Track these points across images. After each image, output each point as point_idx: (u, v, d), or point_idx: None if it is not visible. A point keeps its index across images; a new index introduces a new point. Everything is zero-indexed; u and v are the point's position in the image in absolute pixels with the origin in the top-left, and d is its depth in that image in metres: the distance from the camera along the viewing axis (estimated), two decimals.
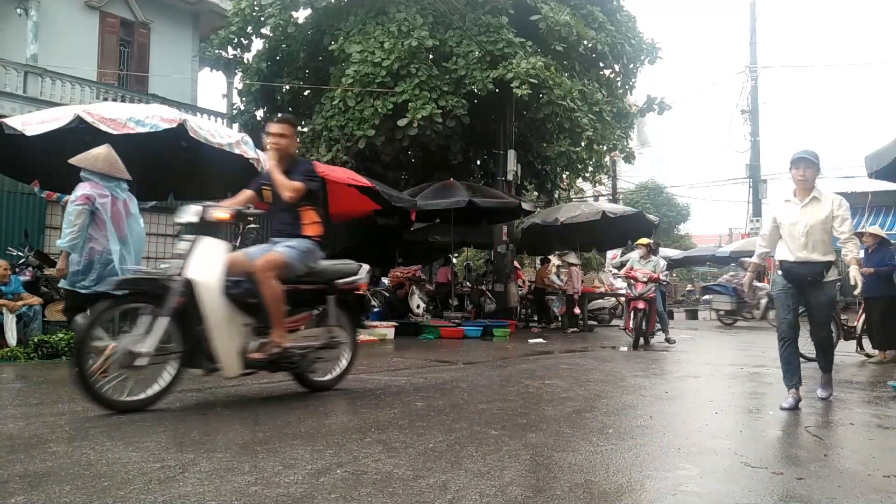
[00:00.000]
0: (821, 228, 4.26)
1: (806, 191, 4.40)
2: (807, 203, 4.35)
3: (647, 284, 9.15)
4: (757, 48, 22.15)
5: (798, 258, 4.33)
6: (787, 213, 4.42)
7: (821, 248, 4.27)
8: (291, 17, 13.47)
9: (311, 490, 2.31)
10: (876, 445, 3.27)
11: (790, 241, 4.36)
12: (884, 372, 6.62)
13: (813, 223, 4.26)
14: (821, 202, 4.34)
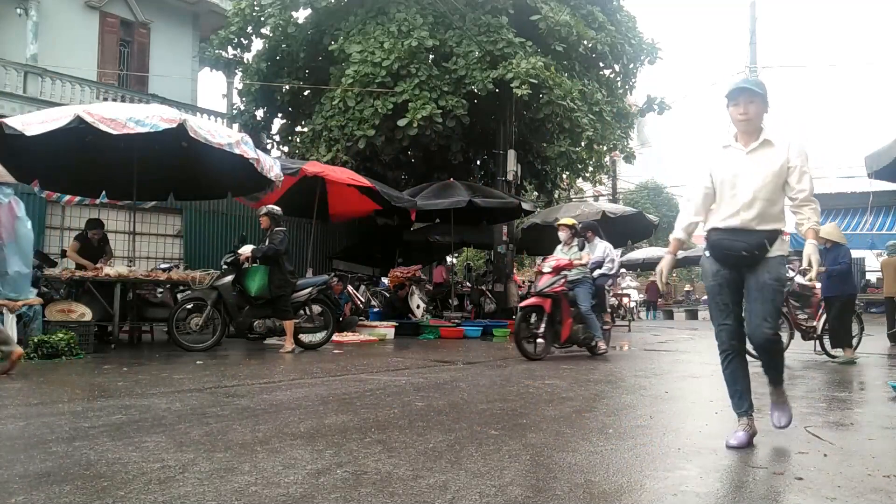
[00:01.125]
0: (773, 184, 3.11)
1: (751, 133, 3.22)
2: (754, 149, 3.20)
3: (554, 276, 7.25)
4: (757, 48, 22.16)
5: (732, 225, 3.17)
6: (726, 165, 3.23)
7: (769, 212, 3.13)
8: (291, 17, 13.47)
9: (311, 490, 2.31)
10: (876, 445, 3.26)
11: (728, 202, 3.19)
12: (884, 372, 6.63)
13: (762, 177, 3.11)
14: (773, 147, 3.17)
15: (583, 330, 7.44)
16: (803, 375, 6.17)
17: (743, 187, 3.14)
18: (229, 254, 7.56)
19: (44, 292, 7.42)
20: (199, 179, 9.01)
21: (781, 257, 3.16)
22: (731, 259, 3.19)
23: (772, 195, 3.13)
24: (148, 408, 3.87)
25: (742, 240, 3.13)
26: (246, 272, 7.52)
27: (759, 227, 3.13)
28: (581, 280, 7.56)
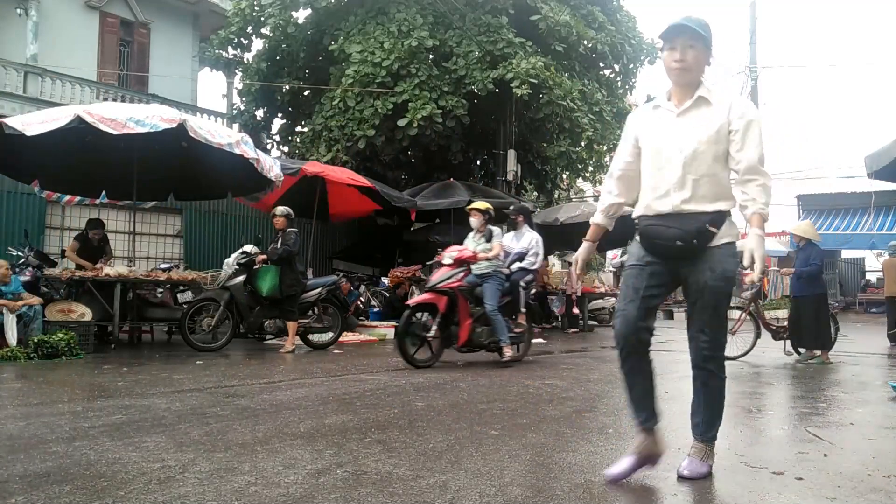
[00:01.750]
0: (711, 154, 2.45)
1: (686, 89, 2.56)
2: (687, 109, 2.53)
3: (453, 268, 6.28)
4: (757, 48, 22.17)
5: (661, 209, 2.51)
6: (653, 131, 2.58)
7: (710, 190, 2.46)
8: (291, 17, 13.48)
9: (311, 490, 2.31)
10: (876, 446, 3.26)
11: (657, 177, 2.52)
12: (884, 372, 6.63)
13: (695, 146, 2.45)
14: (711, 107, 2.49)
15: (487, 333, 6.50)
16: (803, 375, 6.18)
17: (672, 160, 2.46)
18: (242, 255, 7.58)
19: (44, 292, 7.43)
20: (199, 179, 9.01)
21: (729, 246, 2.48)
22: (663, 251, 2.52)
23: (710, 169, 2.44)
24: (148, 408, 3.87)
25: (675, 226, 2.45)
26: (257, 272, 7.55)
27: (698, 208, 2.45)
28: (491, 275, 6.56)
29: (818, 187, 24.89)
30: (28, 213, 10.32)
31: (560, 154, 13.51)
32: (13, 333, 6.52)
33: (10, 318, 6.54)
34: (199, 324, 7.42)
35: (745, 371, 6.53)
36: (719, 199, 2.49)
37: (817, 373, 6.40)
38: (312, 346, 7.87)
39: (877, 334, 12.56)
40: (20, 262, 7.78)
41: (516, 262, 7.11)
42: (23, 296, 6.82)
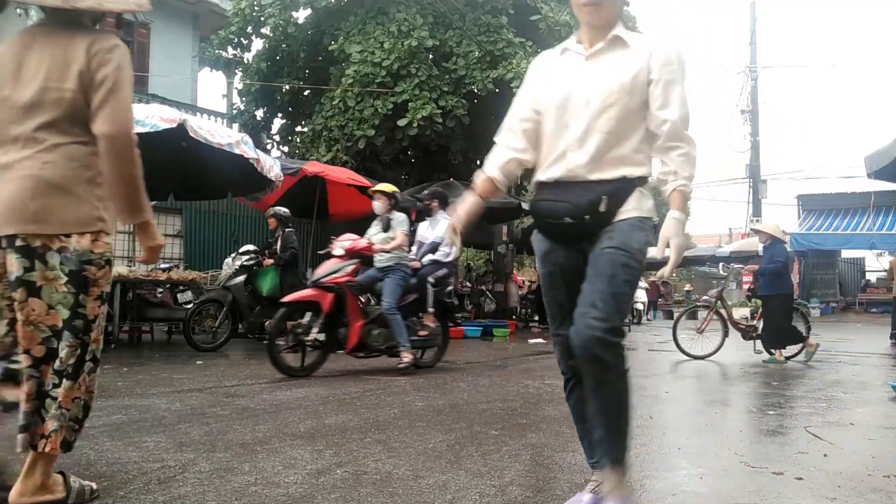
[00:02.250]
0: (622, 107, 1.94)
1: (599, 30, 2.05)
2: (598, 51, 2.03)
3: (344, 261, 5.60)
4: (757, 48, 22.19)
5: (554, 176, 2.01)
6: (559, 78, 2.05)
7: (615, 152, 1.96)
8: (291, 17, 13.47)
9: (311, 490, 2.31)
10: (876, 446, 3.27)
11: (557, 137, 2.01)
12: (884, 372, 6.63)
13: (604, 95, 1.94)
14: (627, 49, 2.00)
15: (385, 335, 5.71)
16: (802, 375, 6.18)
17: (575, 113, 1.96)
18: (247, 256, 7.61)
19: None
20: (199, 179, 8.99)
21: (637, 221, 1.94)
22: (556, 233, 2.03)
23: (620, 126, 1.93)
24: (148, 408, 3.88)
25: (565, 199, 1.95)
26: (257, 273, 7.59)
27: (596, 175, 1.94)
28: (393, 268, 5.78)
29: (818, 187, 24.94)
30: None
31: None
32: None
33: None
34: (201, 324, 7.47)
35: (745, 371, 6.53)
36: (625, 166, 1.95)
37: (817, 373, 6.40)
38: None
39: (877, 334, 12.56)
40: None
41: (429, 255, 6.26)
42: None
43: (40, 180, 1.90)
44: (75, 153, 1.95)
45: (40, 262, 1.91)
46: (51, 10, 1.97)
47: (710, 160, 68.48)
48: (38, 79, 1.93)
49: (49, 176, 1.90)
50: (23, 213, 1.88)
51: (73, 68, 1.91)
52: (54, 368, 1.96)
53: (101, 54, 1.91)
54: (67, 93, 1.92)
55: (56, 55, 1.93)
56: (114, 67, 1.92)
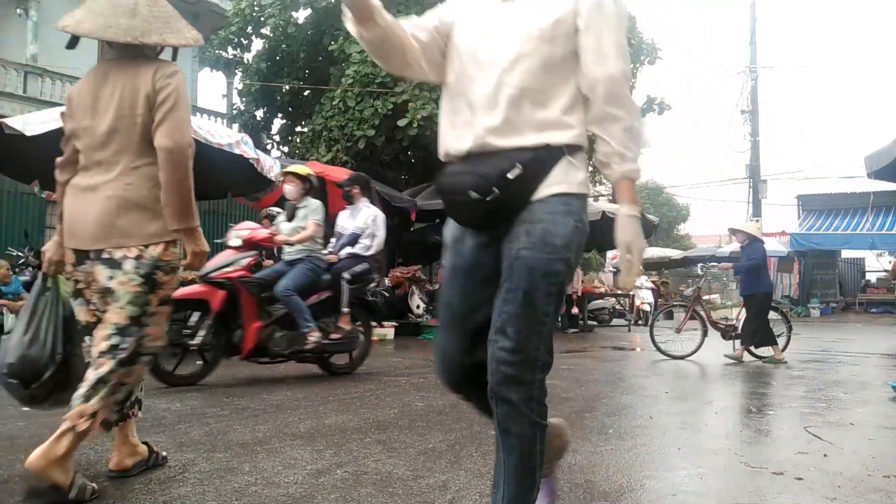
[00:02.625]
0: (541, 59, 1.57)
1: None
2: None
3: (240, 252, 5.00)
4: (757, 48, 22.19)
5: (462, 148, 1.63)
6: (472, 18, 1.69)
7: (533, 115, 1.58)
8: (291, 18, 13.49)
9: (311, 490, 2.31)
10: (876, 446, 3.26)
11: (466, 90, 1.64)
12: (884, 372, 6.62)
13: (522, 43, 1.58)
14: None
15: (290, 339, 5.07)
16: (802, 375, 6.18)
17: (485, 64, 1.60)
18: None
19: None
20: (199, 179, 8.94)
21: (563, 202, 1.55)
22: (461, 214, 1.63)
23: (537, 80, 1.56)
24: (148, 408, 3.86)
25: (470, 170, 1.56)
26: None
27: (512, 142, 1.56)
28: (303, 260, 5.16)
29: (818, 187, 24.93)
30: (28, 213, 10.32)
31: None
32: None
33: (10, 318, 6.55)
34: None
35: (745, 371, 6.53)
36: (550, 130, 1.56)
37: (817, 373, 6.40)
38: None
39: (877, 334, 12.57)
40: (20, 263, 7.79)
41: (347, 248, 5.62)
42: (23, 296, 6.83)
43: (124, 200, 2.18)
44: (151, 173, 2.21)
45: (119, 270, 2.18)
46: (121, 44, 2.22)
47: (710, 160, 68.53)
48: (112, 108, 2.20)
49: (131, 196, 2.19)
50: (111, 230, 2.16)
51: (142, 94, 2.18)
52: (117, 357, 2.19)
53: (163, 79, 2.18)
54: (139, 118, 2.19)
55: (126, 85, 2.20)
56: (173, 89, 2.19)
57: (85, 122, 2.24)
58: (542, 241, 1.51)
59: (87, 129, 2.23)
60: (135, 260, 2.18)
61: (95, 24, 2.19)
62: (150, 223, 2.20)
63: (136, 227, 2.18)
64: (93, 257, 2.21)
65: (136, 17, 2.21)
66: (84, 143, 2.25)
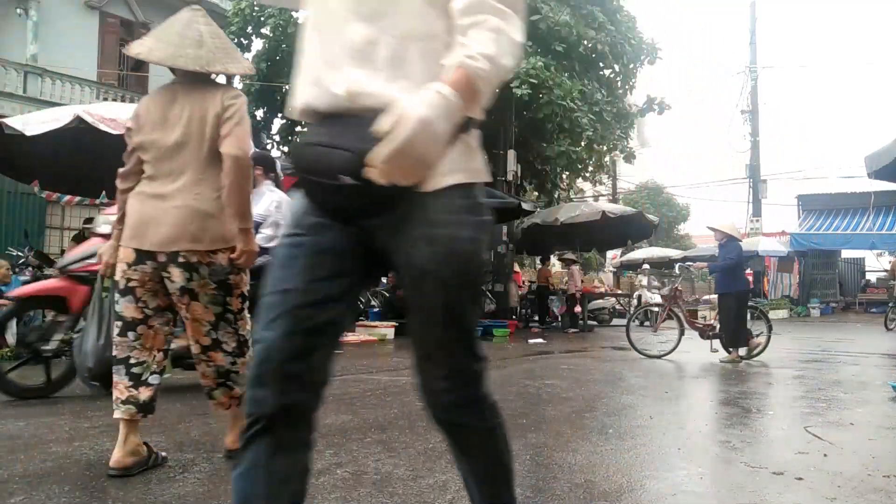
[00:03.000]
0: None
1: None
2: None
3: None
4: (757, 48, 22.20)
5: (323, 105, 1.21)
6: None
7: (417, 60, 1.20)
8: (291, 18, 13.47)
9: (311, 490, 2.31)
10: (876, 446, 3.26)
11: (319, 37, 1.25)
12: (884, 372, 6.62)
13: None
14: None
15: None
16: (802, 375, 6.18)
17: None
18: None
19: None
20: None
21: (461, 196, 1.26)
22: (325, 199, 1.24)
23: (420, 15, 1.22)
24: None
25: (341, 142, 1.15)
26: None
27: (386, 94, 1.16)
28: None
29: (818, 187, 24.92)
30: (28, 213, 10.33)
31: (560, 154, 13.50)
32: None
33: None
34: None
35: (745, 371, 6.52)
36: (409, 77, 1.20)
37: (817, 373, 6.40)
38: None
39: (877, 334, 12.57)
40: (20, 262, 7.79)
41: None
42: None
43: (194, 209, 2.43)
44: (214, 184, 2.46)
45: (196, 273, 2.44)
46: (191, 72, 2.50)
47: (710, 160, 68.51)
48: (181, 124, 2.45)
49: (200, 206, 2.44)
50: (183, 235, 2.40)
51: (211, 113, 2.45)
52: (225, 351, 2.57)
53: (229, 100, 2.47)
54: (207, 134, 2.45)
55: (195, 105, 2.47)
56: (237, 108, 2.47)
57: (154, 136, 2.47)
58: (449, 253, 1.22)
59: (155, 142, 2.47)
60: (207, 267, 2.45)
61: (166, 52, 2.47)
62: (217, 229, 2.45)
63: (206, 233, 2.43)
64: (164, 260, 2.43)
65: (202, 47, 2.48)
66: (151, 154, 2.48)
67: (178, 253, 2.40)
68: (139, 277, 2.46)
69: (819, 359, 7.64)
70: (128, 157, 2.55)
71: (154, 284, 2.48)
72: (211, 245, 2.44)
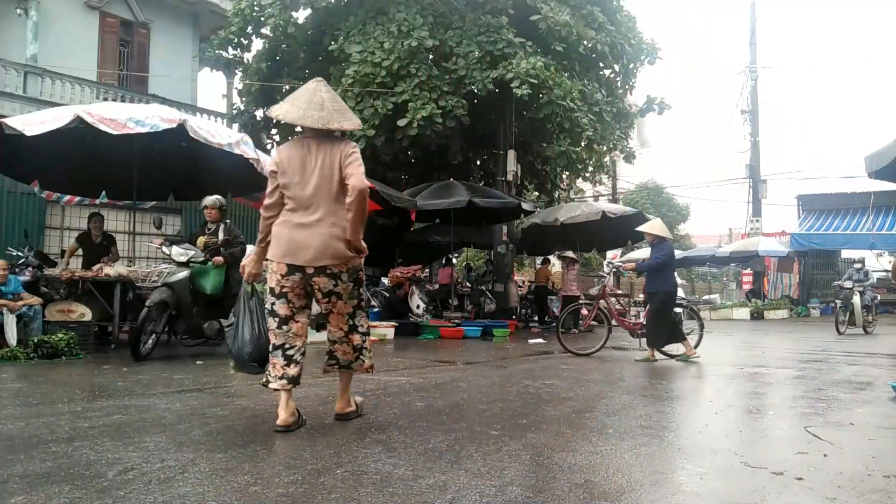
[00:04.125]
0: None
1: None
2: None
3: None
4: (757, 48, 22.21)
5: None
6: None
7: None
8: (291, 17, 13.48)
9: (311, 490, 2.31)
10: (876, 446, 3.26)
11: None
12: (884, 372, 6.62)
13: None
14: None
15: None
16: (802, 375, 6.18)
17: None
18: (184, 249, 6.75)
19: (44, 292, 7.42)
20: (199, 179, 9.00)
21: None
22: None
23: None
24: (148, 408, 3.87)
25: None
26: (199, 269, 6.76)
27: None
28: None
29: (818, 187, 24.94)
30: (28, 213, 10.32)
31: (560, 154, 13.49)
32: (13, 333, 6.53)
33: (9, 318, 6.54)
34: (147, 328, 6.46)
35: (745, 371, 6.52)
36: None
37: (817, 373, 6.40)
38: None
39: (876, 334, 12.57)
40: (20, 262, 7.79)
41: None
42: (23, 296, 6.82)
43: (332, 235, 3.24)
44: (341, 216, 3.26)
45: (339, 280, 3.31)
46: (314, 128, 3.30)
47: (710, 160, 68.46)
48: (317, 169, 3.27)
49: (336, 233, 3.25)
50: (326, 254, 3.24)
51: (337, 161, 3.27)
52: (360, 332, 3.50)
53: (348, 149, 3.29)
54: (336, 176, 3.26)
55: (325, 155, 3.29)
56: (356, 156, 3.30)
57: (296, 179, 3.27)
58: None
59: (297, 183, 3.26)
60: (346, 273, 3.31)
61: (297, 114, 3.28)
62: (347, 248, 3.26)
63: (342, 251, 3.26)
64: (311, 272, 3.26)
65: (324, 110, 3.29)
66: (293, 192, 3.27)
67: (325, 267, 3.25)
68: (290, 285, 3.28)
69: (819, 359, 7.64)
70: (271, 194, 3.35)
71: (300, 290, 3.31)
72: (347, 260, 3.28)
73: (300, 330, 3.37)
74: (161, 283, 6.67)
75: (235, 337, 3.53)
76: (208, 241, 6.97)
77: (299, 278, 3.26)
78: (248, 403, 4.10)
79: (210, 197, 7.14)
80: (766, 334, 12.02)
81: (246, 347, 3.49)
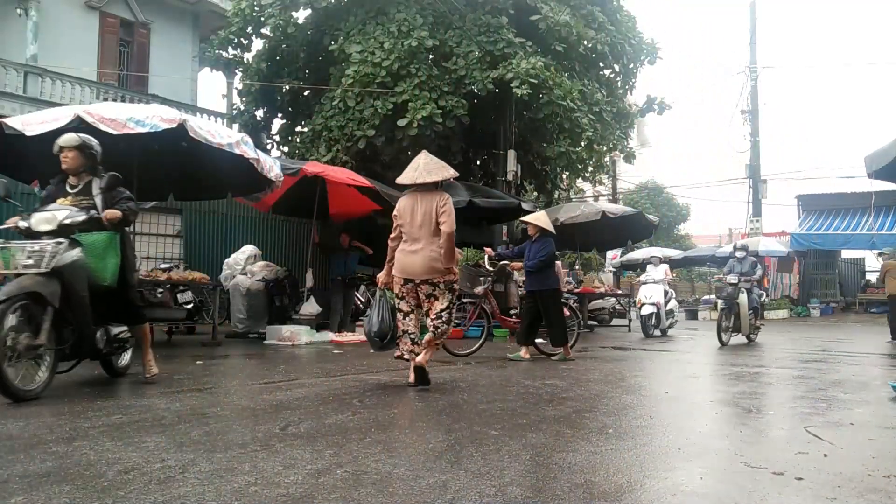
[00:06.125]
0: None
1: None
2: None
3: None
4: (757, 48, 22.21)
5: None
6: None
7: None
8: (291, 18, 13.48)
9: (311, 490, 2.31)
10: (876, 446, 3.27)
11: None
12: (884, 372, 6.62)
13: None
14: None
15: None
16: (802, 375, 6.18)
17: None
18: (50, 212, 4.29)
19: None
20: (199, 179, 9.00)
21: None
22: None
23: None
24: (148, 408, 3.87)
25: None
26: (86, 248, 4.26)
27: None
28: None
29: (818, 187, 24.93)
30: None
31: (560, 154, 13.49)
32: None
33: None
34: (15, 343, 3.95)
35: (745, 371, 6.52)
36: None
37: (817, 373, 6.40)
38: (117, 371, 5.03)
39: (877, 334, 12.57)
40: None
41: None
42: None
43: (431, 258, 4.79)
44: (437, 246, 4.79)
45: (437, 287, 4.87)
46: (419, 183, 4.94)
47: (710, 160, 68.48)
48: (420, 214, 4.84)
49: (434, 256, 4.79)
50: (426, 271, 4.82)
51: (434, 208, 4.82)
52: (445, 322, 4.87)
53: (442, 200, 4.84)
54: (433, 219, 4.79)
55: (427, 204, 4.86)
56: (449, 206, 4.83)
57: (408, 219, 4.87)
58: None
59: (409, 223, 4.84)
60: (442, 283, 4.87)
61: (409, 177, 4.97)
62: (442, 267, 4.80)
63: (438, 269, 4.81)
64: (418, 282, 4.86)
65: (416, 170, 4.94)
66: (406, 230, 4.87)
67: (426, 279, 4.83)
68: (407, 290, 4.93)
69: (819, 359, 7.64)
70: (394, 230, 4.97)
71: (413, 294, 4.92)
72: (443, 275, 4.83)
73: (416, 322, 4.95)
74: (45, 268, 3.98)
75: (369, 322, 5.20)
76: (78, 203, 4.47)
77: (412, 286, 4.88)
78: (248, 403, 4.10)
79: (66, 135, 4.78)
80: (765, 334, 12.00)
81: (373, 328, 5.13)
